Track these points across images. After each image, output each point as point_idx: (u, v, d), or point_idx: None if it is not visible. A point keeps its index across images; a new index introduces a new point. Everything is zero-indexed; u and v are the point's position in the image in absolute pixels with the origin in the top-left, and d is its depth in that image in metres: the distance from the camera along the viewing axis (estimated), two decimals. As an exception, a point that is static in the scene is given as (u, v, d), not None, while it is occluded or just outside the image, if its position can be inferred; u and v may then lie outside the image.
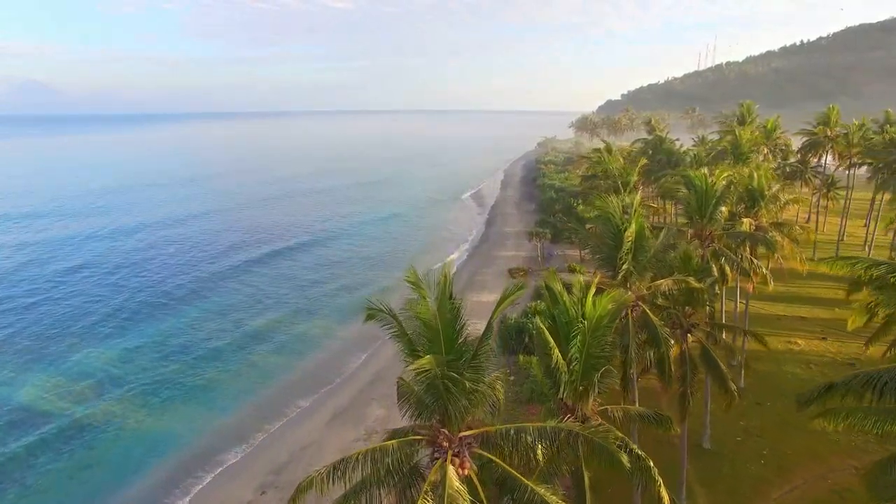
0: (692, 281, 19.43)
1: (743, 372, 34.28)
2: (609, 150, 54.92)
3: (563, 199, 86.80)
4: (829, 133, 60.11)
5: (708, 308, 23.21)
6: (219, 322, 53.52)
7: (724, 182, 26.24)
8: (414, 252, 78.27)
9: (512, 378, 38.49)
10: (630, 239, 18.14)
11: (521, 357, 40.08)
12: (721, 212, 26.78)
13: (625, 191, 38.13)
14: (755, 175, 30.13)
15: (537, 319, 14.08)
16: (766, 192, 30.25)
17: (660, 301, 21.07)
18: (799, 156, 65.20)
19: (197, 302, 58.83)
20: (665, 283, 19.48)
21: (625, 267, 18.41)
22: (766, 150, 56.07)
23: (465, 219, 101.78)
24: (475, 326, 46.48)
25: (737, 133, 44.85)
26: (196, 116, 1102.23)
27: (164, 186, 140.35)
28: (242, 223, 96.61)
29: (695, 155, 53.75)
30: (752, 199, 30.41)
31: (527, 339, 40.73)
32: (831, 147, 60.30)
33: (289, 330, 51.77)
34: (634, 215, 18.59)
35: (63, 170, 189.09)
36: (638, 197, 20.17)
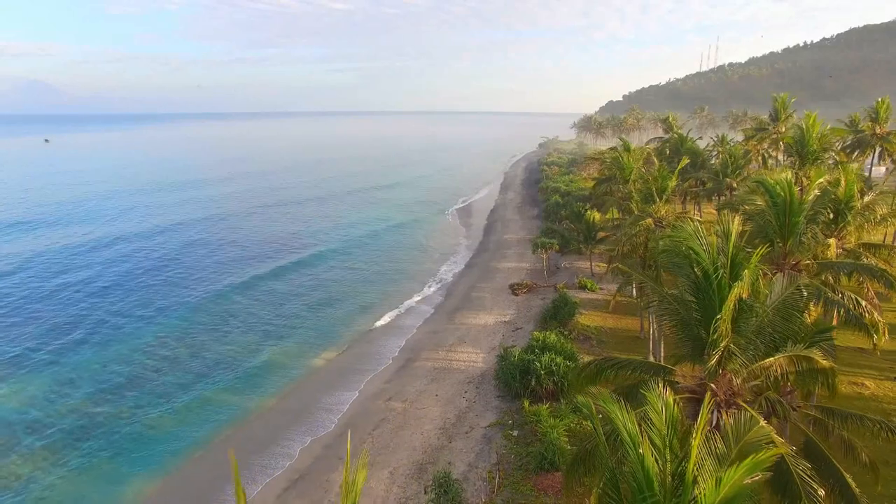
0: (819, 357, 11.66)
1: (811, 429, 26.52)
2: (627, 148, 47.00)
3: (569, 204, 79.36)
4: (877, 131, 52.17)
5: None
6: (175, 349, 45.41)
7: (816, 191, 18.61)
8: (406, 263, 70.70)
9: (515, 433, 30.68)
10: (732, 304, 10.58)
11: (526, 403, 32.51)
12: (811, 232, 19.10)
13: (660, 199, 30.52)
14: (842, 181, 22.38)
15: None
16: (856, 203, 22.54)
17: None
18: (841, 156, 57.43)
19: (158, 322, 50.96)
20: (776, 364, 11.74)
21: (722, 345, 10.79)
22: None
23: (463, 224, 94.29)
24: (471, 357, 37.74)
25: (804, 128, 36.90)
26: (196, 117, 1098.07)
27: (157, 191, 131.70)
28: (231, 233, 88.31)
29: (730, 154, 46.06)
30: (836, 212, 22.72)
31: (533, 382, 33.06)
32: (881, 146, 52.38)
33: (258, 362, 43.35)
34: (749, 265, 10.49)
35: (62, 169, 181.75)
36: (738, 221, 11.86)
